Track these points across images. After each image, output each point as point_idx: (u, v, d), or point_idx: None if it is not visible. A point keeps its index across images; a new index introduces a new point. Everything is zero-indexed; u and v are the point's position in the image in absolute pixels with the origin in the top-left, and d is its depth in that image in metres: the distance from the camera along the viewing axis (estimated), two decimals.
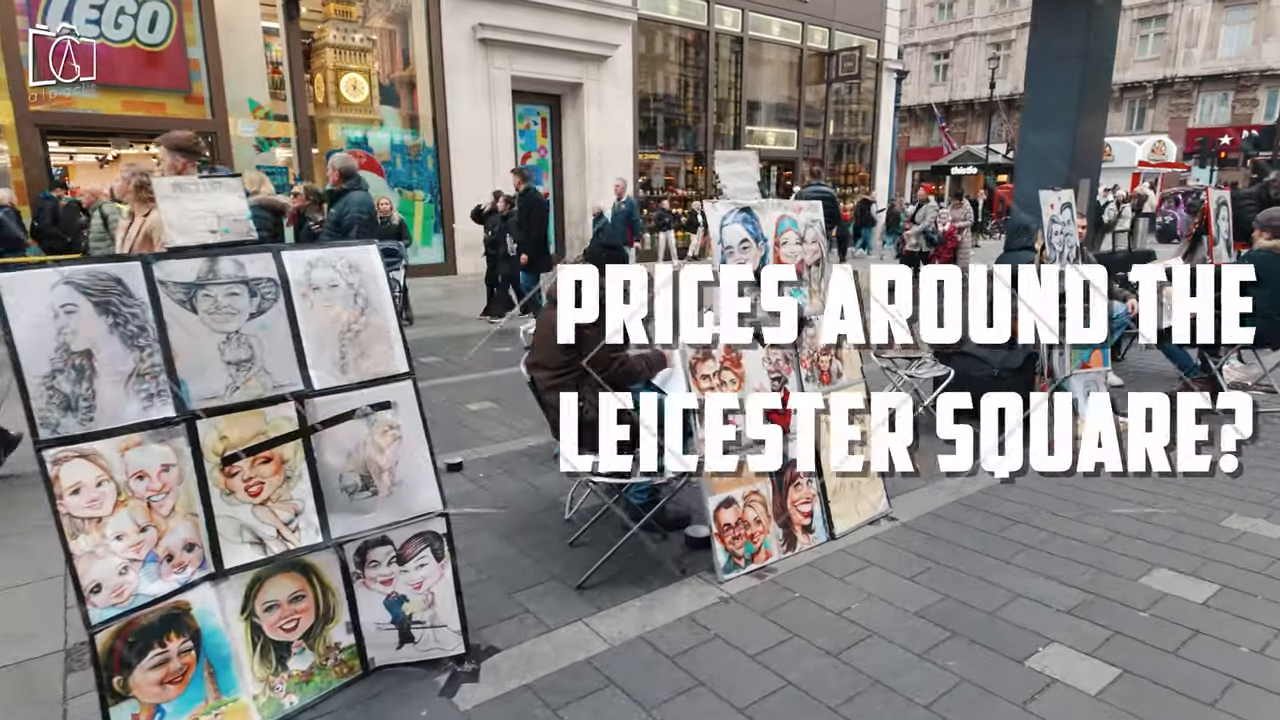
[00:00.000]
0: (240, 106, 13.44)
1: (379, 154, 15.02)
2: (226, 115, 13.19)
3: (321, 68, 14.83)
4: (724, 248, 3.37)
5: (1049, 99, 8.76)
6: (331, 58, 14.84)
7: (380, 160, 15.10)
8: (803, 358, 3.62)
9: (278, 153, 13.97)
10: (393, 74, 15.42)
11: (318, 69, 14.80)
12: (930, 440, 5.01)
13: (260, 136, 13.66)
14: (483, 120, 15.92)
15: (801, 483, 3.52)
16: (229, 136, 13.20)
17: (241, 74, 13.39)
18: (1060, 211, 5.20)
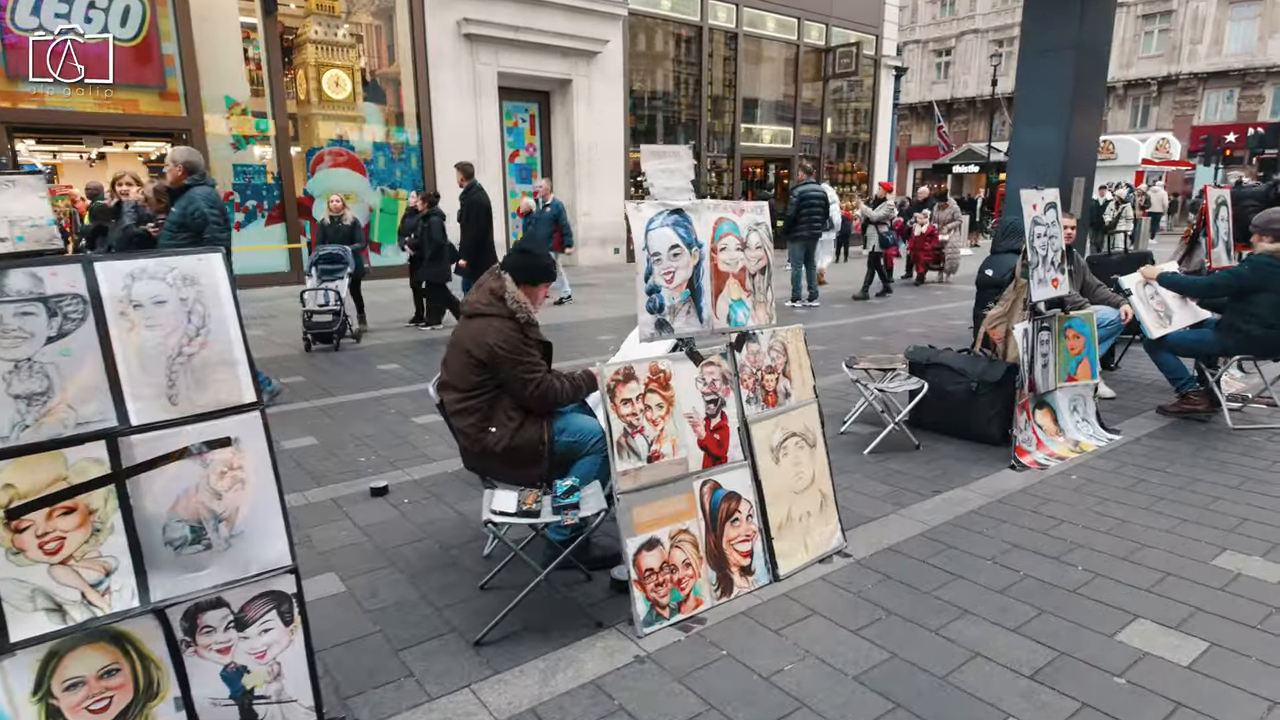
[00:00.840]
0: (216, 104, 13.08)
1: (361, 152, 14.67)
2: (202, 112, 12.83)
3: (303, 64, 14.47)
4: (650, 255, 2.98)
5: (1041, 93, 8.33)
6: (313, 54, 14.49)
7: (362, 158, 14.74)
8: (744, 378, 3.22)
9: (256, 151, 13.59)
10: (376, 70, 15.04)
11: (299, 65, 14.45)
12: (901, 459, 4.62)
13: (238, 134, 13.28)
14: (468, 117, 15.55)
15: (740, 518, 3.13)
16: (204, 134, 12.81)
17: (218, 70, 13.03)
18: (1043, 212, 4.79)
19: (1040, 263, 4.74)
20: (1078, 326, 5.03)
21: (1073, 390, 5.06)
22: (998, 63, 34.90)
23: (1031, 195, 4.72)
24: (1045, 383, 4.88)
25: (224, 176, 13.21)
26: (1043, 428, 4.85)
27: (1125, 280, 5.56)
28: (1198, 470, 4.39)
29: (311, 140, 14.20)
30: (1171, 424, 5.30)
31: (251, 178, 13.61)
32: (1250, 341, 5.00)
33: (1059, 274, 4.89)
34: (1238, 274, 5.00)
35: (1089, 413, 5.11)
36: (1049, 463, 4.55)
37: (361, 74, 14.92)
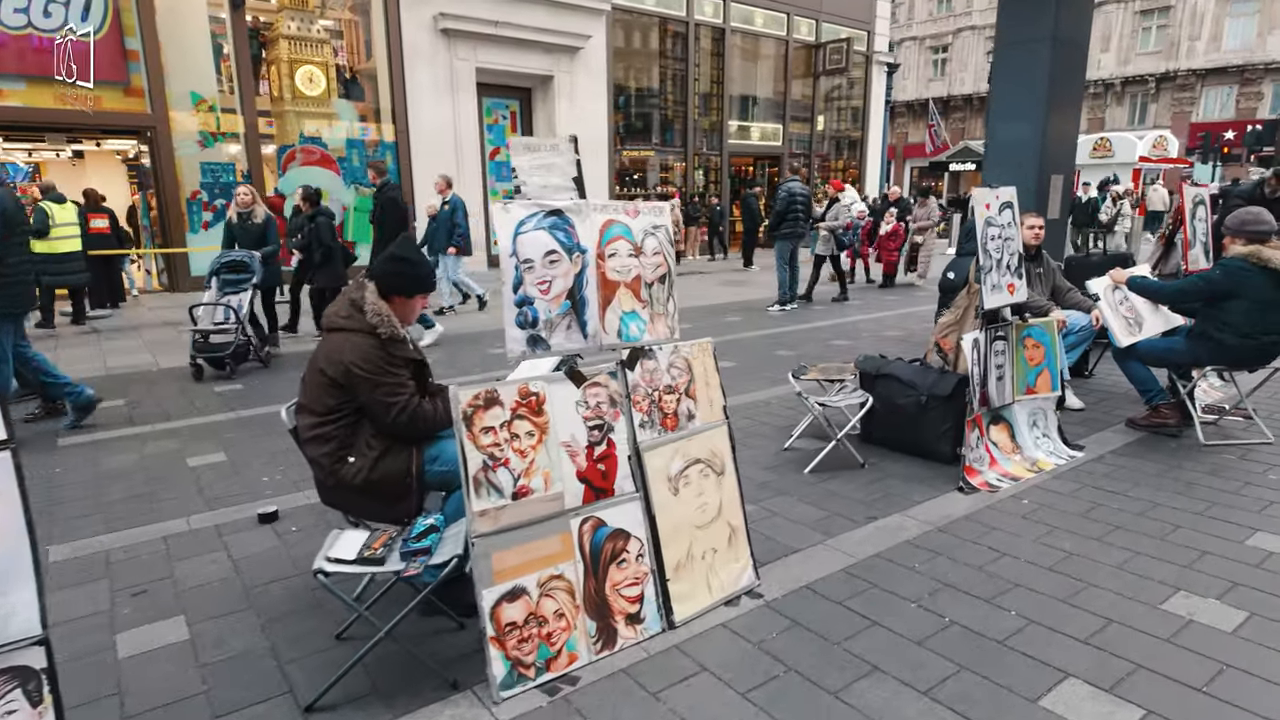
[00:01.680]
0: (183, 100, 12.73)
1: (334, 150, 14.30)
2: (167, 109, 12.48)
3: (276, 60, 14.12)
4: (521, 262, 2.61)
5: (1016, 87, 7.95)
6: (286, 49, 14.14)
7: (335, 156, 14.38)
8: (637, 399, 2.85)
9: (227, 149, 13.24)
10: (350, 66, 14.67)
11: (272, 61, 14.10)
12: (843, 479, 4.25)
13: (204, 131, 12.93)
14: (445, 114, 15.20)
15: (629, 559, 2.76)
16: (170, 132, 12.47)
17: (185, 66, 12.70)
18: (998, 212, 4.41)
19: (994, 267, 4.37)
20: (1037, 335, 4.66)
21: (1032, 404, 4.69)
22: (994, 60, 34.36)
23: (984, 194, 4.35)
24: (1001, 396, 4.51)
25: (191, 175, 12.90)
26: (998, 445, 4.48)
27: (1093, 284, 5.19)
28: (1161, 493, 4.02)
29: (283, 138, 13.85)
30: (1140, 439, 4.93)
31: (220, 176, 13.26)
32: (1223, 351, 4.63)
33: (1016, 279, 4.52)
34: (1209, 279, 4.63)
35: (1050, 428, 4.74)
36: (1001, 484, 4.18)
37: (336, 70, 14.57)
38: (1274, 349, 4.63)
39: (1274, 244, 4.55)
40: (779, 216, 10.59)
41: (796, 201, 10.55)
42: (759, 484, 4.23)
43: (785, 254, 10.80)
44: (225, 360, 7.02)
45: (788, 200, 10.50)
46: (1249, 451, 4.64)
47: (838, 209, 12.09)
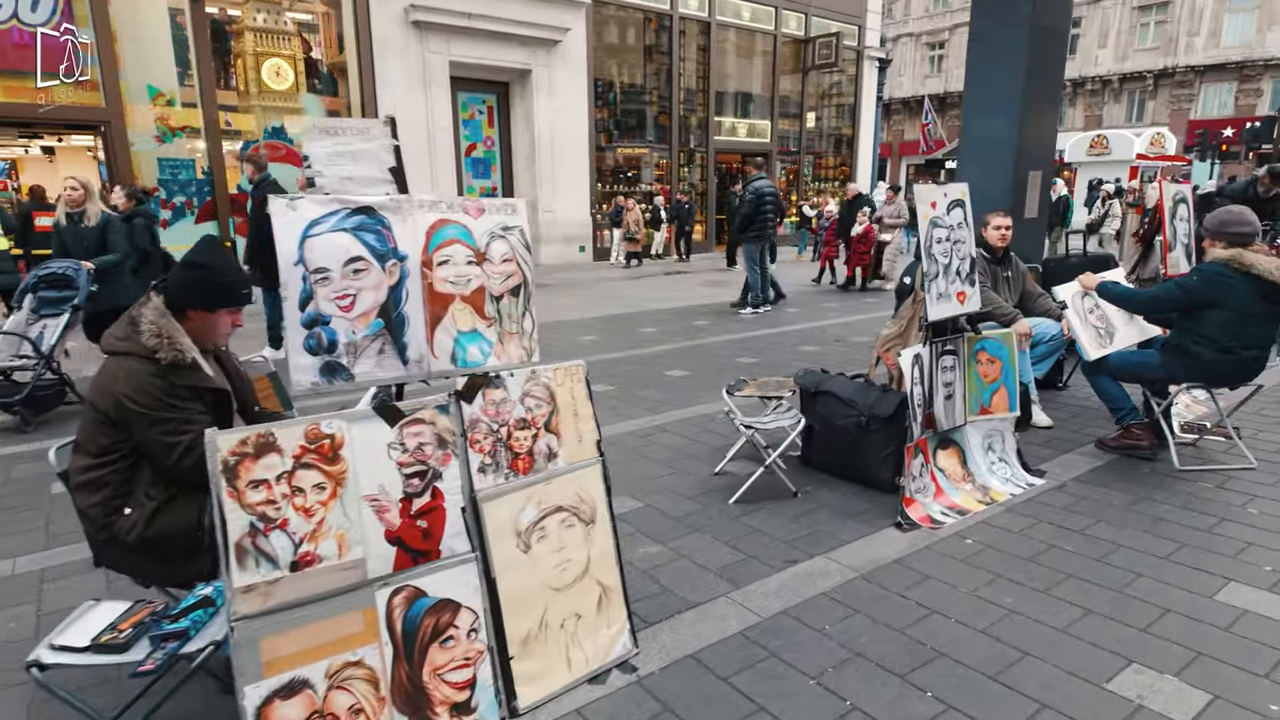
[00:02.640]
0: (139, 94, 12.22)
1: (301, 145, 13.73)
2: (122, 103, 11.97)
3: (241, 53, 13.61)
4: (312, 272, 2.10)
5: (991, 78, 7.42)
6: (251, 42, 13.63)
7: (301, 152, 13.81)
8: (476, 437, 2.34)
9: (187, 144, 12.73)
10: (318, 59, 14.15)
11: (238, 54, 13.59)
12: (770, 511, 3.74)
13: (162, 126, 12.42)
14: (418, 109, 14.68)
15: (457, 636, 2.26)
16: (125, 126, 11.96)
17: (142, 59, 12.19)
18: (946, 211, 3.89)
19: (941, 273, 3.85)
20: (993, 349, 4.14)
21: (987, 425, 4.18)
22: None
23: (929, 191, 3.83)
24: (950, 418, 3.99)
25: (148, 171, 12.40)
26: (946, 472, 3.96)
27: (1060, 290, 4.67)
28: (1125, 531, 3.50)
29: (247, 133, 13.35)
30: (1110, 463, 4.42)
31: (179, 172, 12.77)
32: (1200, 367, 4.11)
33: (967, 286, 4.00)
34: (1185, 286, 4.10)
35: (1008, 451, 4.23)
36: (946, 518, 3.67)
37: (305, 63, 14.06)
38: (1256, 365, 4.11)
39: (1257, 247, 4.03)
40: (747, 219, 10.01)
41: (766, 201, 10.02)
42: (675, 518, 3.72)
43: (755, 255, 10.28)
44: (16, 407, 5.24)
45: (756, 201, 9.95)
46: (1228, 479, 4.12)
47: None
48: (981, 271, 5.24)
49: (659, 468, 4.41)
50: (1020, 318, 5.09)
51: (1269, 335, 4.07)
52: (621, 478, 4.12)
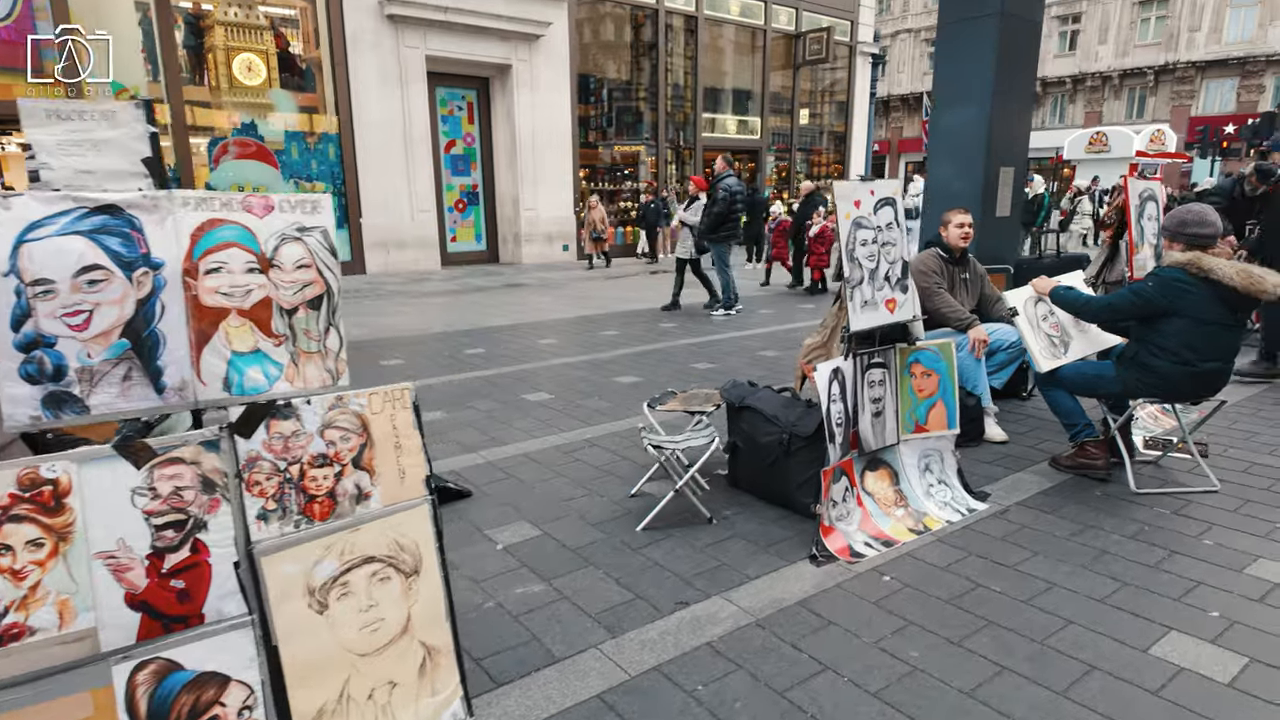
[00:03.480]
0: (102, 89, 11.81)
1: (271, 142, 13.43)
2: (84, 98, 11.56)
3: (212, 47, 13.27)
4: (30, 285, 1.73)
5: (961, 69, 7.03)
6: (222, 36, 13.29)
7: (273, 149, 13.51)
8: (254, 478, 1.97)
9: None
10: (291, 54, 13.80)
11: (209, 48, 13.25)
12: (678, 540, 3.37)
13: None
14: (394, 105, 14.34)
15: (225, 715, 1.89)
16: None
17: None
18: (874, 211, 3.50)
19: (866, 279, 3.46)
20: (928, 361, 3.76)
21: (923, 444, 3.79)
22: None
23: (851, 188, 3.44)
24: (879, 437, 3.61)
25: None
26: (875, 496, 3.58)
27: (1011, 296, 4.28)
28: (1063, 568, 3.12)
29: (216, 129, 13.00)
30: (1062, 483, 4.03)
31: None
32: (1156, 380, 3.72)
33: (899, 293, 3.61)
34: (1140, 292, 3.71)
35: (948, 472, 3.84)
36: (869, 550, 3.29)
37: (279, 58, 13.71)
38: (1217, 378, 3.72)
39: (1218, 250, 3.64)
40: (719, 218, 9.54)
41: (736, 200, 9.60)
42: (572, 550, 3.35)
43: (725, 256, 9.88)
44: None
45: (728, 200, 9.51)
46: (1187, 503, 3.73)
47: (697, 206, 10.32)
48: (938, 273, 4.86)
49: (574, 488, 4.04)
50: (977, 323, 4.72)
51: (1231, 346, 3.68)
52: (527, 501, 3.77)
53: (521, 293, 12.59)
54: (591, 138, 17.96)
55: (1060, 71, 35.89)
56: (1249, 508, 3.66)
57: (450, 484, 3.90)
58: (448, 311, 10.34)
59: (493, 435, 4.96)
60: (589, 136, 17.92)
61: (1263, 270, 3.52)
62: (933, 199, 7.39)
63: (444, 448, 4.71)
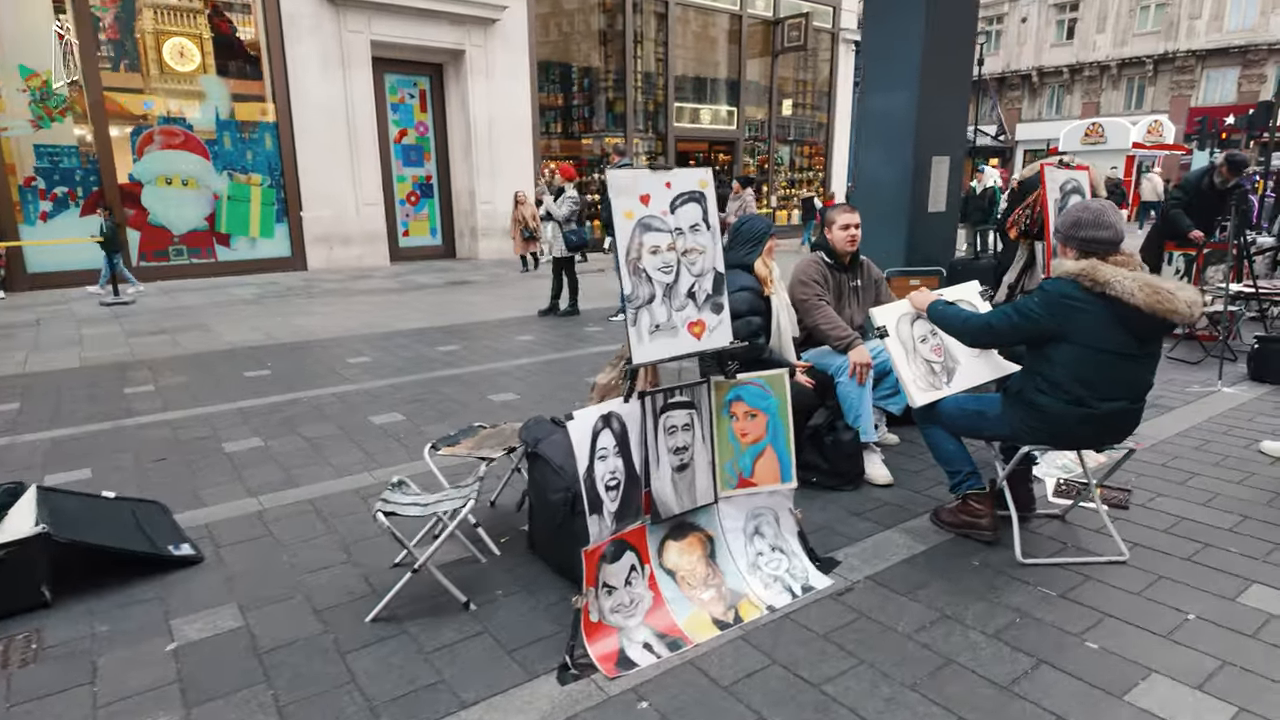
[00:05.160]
0: (10, 74, 11.11)
1: (202, 131, 12.64)
2: None
3: (141, 31, 12.47)
4: None
5: (888, 44, 6.19)
6: (151, 20, 12.49)
7: (204, 138, 12.72)
8: None
9: (69, 130, 11.61)
10: (225, 38, 12.98)
11: (138, 33, 12.45)
12: (416, 634, 2.50)
13: (38, 109, 11.30)
14: (336, 92, 13.54)
15: None
16: None
17: (12, 35, 11.06)
18: (670, 209, 2.69)
19: (658, 296, 2.64)
20: (753, 397, 2.94)
21: (750, 503, 2.98)
22: (984, 41, 32.37)
23: (634, 180, 2.62)
24: (684, 497, 2.79)
25: (24, 159, 11.30)
26: (678, 573, 2.77)
27: (880, 313, 3.44)
28: (884, 690, 2.31)
29: (140, 118, 12.21)
30: (937, 547, 3.21)
31: (60, 160, 11.66)
32: (1046, 424, 2.90)
33: (708, 313, 2.78)
34: (1024, 311, 2.88)
35: (785, 535, 3.02)
36: (648, 655, 2.48)
37: (215, 43, 12.91)
38: (1120, 421, 2.90)
39: (1120, 258, 2.80)
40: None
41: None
42: (264, 653, 2.55)
43: None
44: None
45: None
46: (1083, 581, 2.91)
47: (565, 200, 9.26)
48: (819, 282, 4.04)
49: (335, 552, 3.24)
50: (859, 342, 3.89)
51: (1137, 381, 2.85)
52: (260, 573, 2.99)
53: (463, 291, 11.79)
54: (554, 128, 17.10)
55: (1057, 61, 34.84)
56: (1158, 589, 2.84)
57: (169, 553, 3.10)
58: (370, 313, 9.54)
59: (296, 472, 4.18)
60: (552, 126, 17.06)
61: (1175, 285, 2.68)
62: (861, 193, 6.56)
63: (226, 489, 3.93)
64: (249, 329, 8.48)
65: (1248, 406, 5.10)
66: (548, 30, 16.61)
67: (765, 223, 3.91)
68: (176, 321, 9.00)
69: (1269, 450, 4.18)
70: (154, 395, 5.74)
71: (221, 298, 10.87)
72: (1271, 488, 3.74)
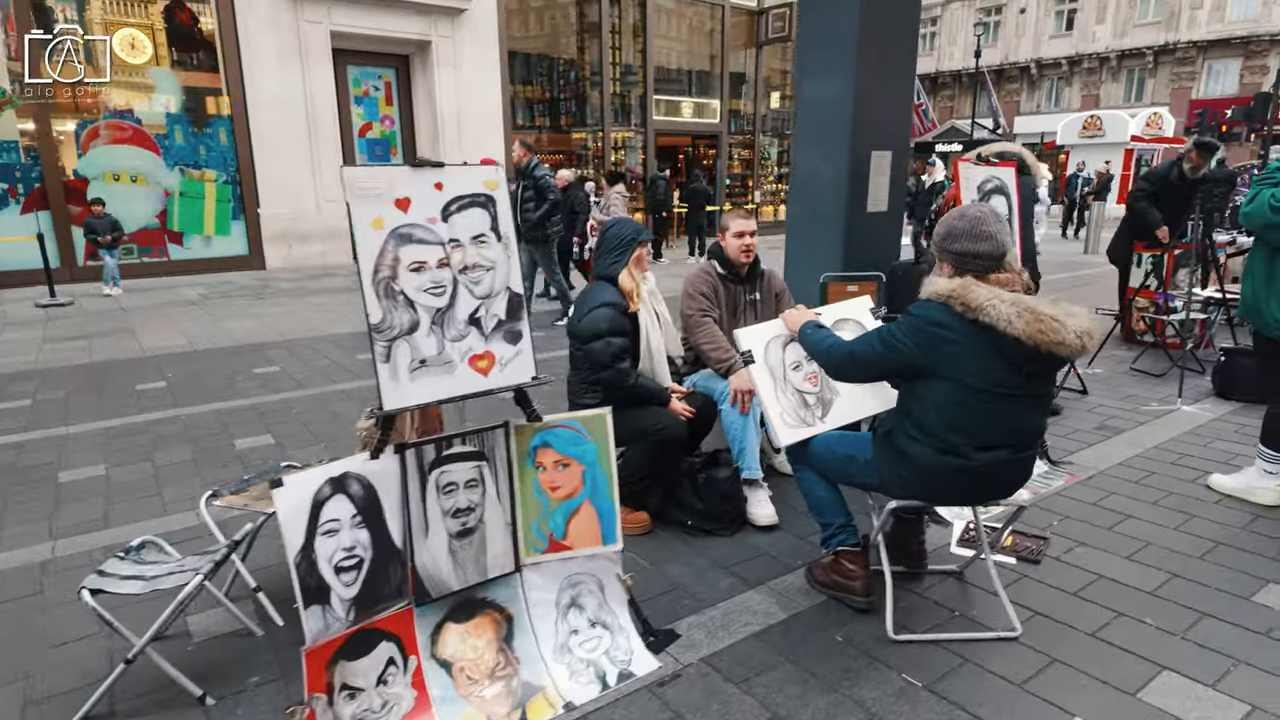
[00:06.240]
0: None
1: (151, 125, 12.14)
2: None
3: (90, 22, 11.99)
4: None
5: (821, 24, 5.63)
6: (100, 10, 11.99)
7: (153, 133, 12.23)
8: None
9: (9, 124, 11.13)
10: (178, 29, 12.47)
11: (88, 24, 11.96)
12: None
13: None
14: (294, 85, 13.04)
15: None
16: None
17: None
18: (442, 216, 2.17)
19: (424, 325, 2.12)
20: (565, 443, 2.42)
21: (566, 569, 2.46)
22: (981, 32, 31.64)
23: (388, 178, 2.10)
24: (467, 569, 2.28)
25: None
26: (456, 664, 2.26)
27: (745, 335, 2.92)
28: None
29: (89, 112, 11.73)
30: (801, 614, 2.69)
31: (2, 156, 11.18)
32: (916, 475, 2.38)
33: (499, 344, 2.26)
34: (889, 339, 2.36)
35: (612, 606, 2.51)
36: None
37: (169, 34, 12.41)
38: (1002, 476, 2.37)
39: (1003, 276, 2.27)
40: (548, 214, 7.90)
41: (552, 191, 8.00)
42: None
43: (554, 256, 8.34)
44: None
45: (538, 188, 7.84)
46: (960, 665, 2.38)
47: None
48: (709, 295, 3.52)
49: (89, 620, 2.71)
50: (740, 366, 3.36)
51: (1025, 426, 2.32)
52: None
53: None
54: (523, 121, 16.57)
55: (1056, 53, 34.05)
56: (1047, 679, 2.31)
57: None
58: (312, 315, 9.06)
59: (118, 510, 3.69)
60: (523, 119, 16.53)
61: (1063, 312, 2.15)
62: (796, 192, 6.02)
63: (29, 531, 3.45)
64: (175, 334, 8.01)
65: (1207, 429, 4.55)
66: (519, 20, 16.07)
67: (633, 227, 3.38)
68: (105, 325, 8.52)
69: (1217, 485, 3.65)
70: (21, 413, 5.26)
71: (166, 299, 10.41)
72: (1211, 535, 3.20)
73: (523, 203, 7.71)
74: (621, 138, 18.07)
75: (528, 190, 7.78)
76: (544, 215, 7.80)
